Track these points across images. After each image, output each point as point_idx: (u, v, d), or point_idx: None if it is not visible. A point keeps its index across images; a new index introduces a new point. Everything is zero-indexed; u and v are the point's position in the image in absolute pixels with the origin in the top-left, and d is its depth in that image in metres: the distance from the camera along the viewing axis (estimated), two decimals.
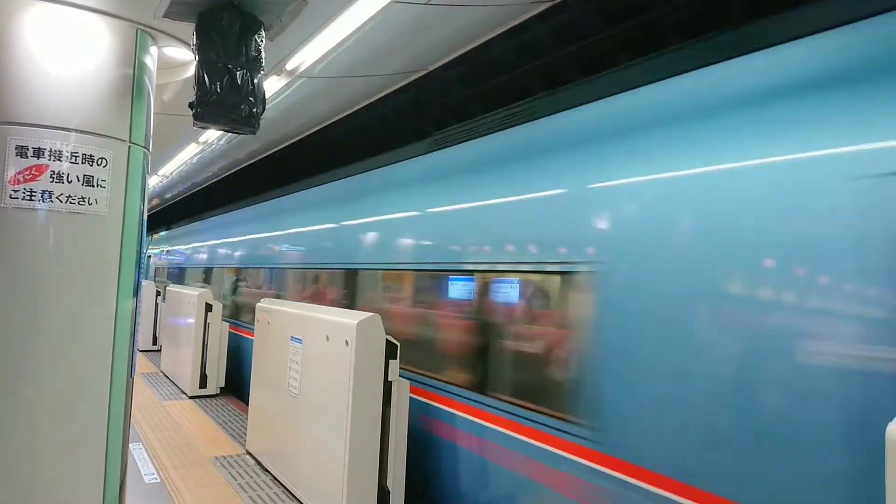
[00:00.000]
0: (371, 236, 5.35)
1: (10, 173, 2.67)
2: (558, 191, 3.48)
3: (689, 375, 2.59)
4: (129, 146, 2.99)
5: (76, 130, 2.81)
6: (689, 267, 2.66)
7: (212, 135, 7.95)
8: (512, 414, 3.51)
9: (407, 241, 4.83)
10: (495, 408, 3.64)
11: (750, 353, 2.44)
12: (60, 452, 2.76)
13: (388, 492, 3.83)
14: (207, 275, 10.76)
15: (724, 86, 2.88)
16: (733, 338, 2.49)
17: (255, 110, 2.91)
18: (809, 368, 2.25)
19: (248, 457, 5.28)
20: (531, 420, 3.37)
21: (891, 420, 1.61)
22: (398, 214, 5.05)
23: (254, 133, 3.06)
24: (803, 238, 2.32)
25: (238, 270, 9.14)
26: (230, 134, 7.15)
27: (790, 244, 2.35)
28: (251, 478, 4.76)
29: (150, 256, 17.31)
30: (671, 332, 2.68)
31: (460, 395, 3.93)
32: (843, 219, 2.22)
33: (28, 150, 2.71)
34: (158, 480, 4.61)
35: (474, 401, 3.81)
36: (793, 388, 2.30)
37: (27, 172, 2.70)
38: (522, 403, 3.48)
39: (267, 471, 4.89)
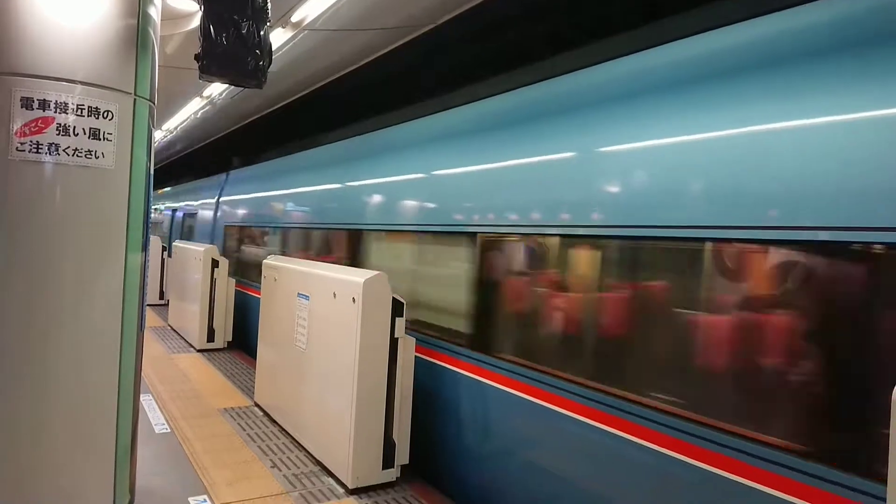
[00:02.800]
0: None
1: (17, 125, 2.66)
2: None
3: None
4: (135, 99, 2.96)
5: (81, 83, 2.78)
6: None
7: (216, 89, 7.86)
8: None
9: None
10: None
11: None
12: (73, 403, 2.83)
13: (394, 444, 3.92)
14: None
15: None
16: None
17: (261, 63, 2.87)
18: None
19: (256, 408, 5.40)
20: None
21: None
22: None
23: (260, 87, 3.03)
24: None
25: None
26: (235, 88, 7.06)
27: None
28: (259, 428, 4.88)
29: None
30: None
31: None
32: None
33: (33, 101, 2.68)
34: (169, 430, 4.72)
35: None
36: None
37: (33, 125, 2.68)
38: None
39: (275, 422, 5.01)
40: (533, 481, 3.41)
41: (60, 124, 2.73)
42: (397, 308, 3.92)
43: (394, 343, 3.91)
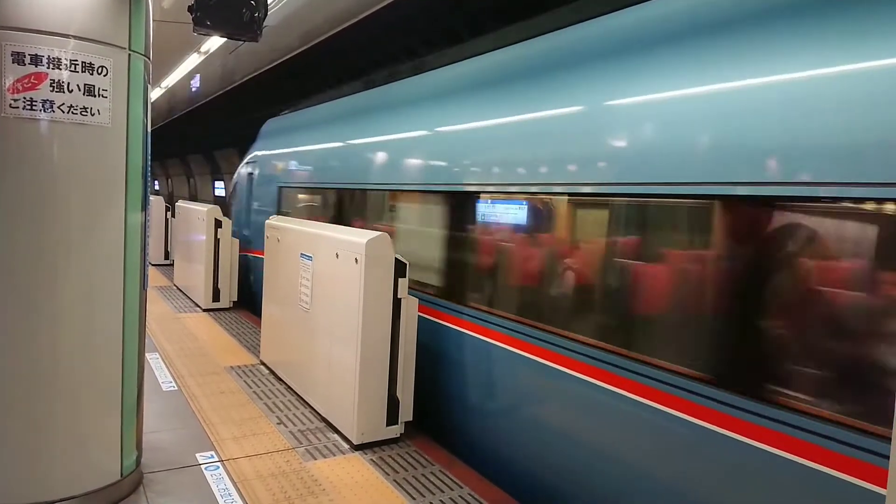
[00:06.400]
0: None
1: (9, 81, 2.60)
2: None
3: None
4: (130, 54, 2.88)
5: (74, 37, 2.70)
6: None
7: (213, 44, 7.69)
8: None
9: None
10: None
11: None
12: (78, 361, 2.85)
13: (398, 400, 3.97)
14: None
15: None
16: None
17: (256, 15, 2.78)
18: None
19: (261, 367, 5.47)
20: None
21: None
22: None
23: (256, 40, 2.94)
24: None
25: None
26: (232, 42, 6.89)
27: None
28: (266, 386, 4.95)
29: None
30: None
31: None
32: None
33: (25, 56, 2.62)
34: (176, 388, 4.79)
35: None
36: None
37: (26, 81, 2.62)
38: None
39: (280, 380, 5.07)
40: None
41: (54, 80, 2.67)
42: (400, 269, 3.91)
43: (397, 303, 3.92)
